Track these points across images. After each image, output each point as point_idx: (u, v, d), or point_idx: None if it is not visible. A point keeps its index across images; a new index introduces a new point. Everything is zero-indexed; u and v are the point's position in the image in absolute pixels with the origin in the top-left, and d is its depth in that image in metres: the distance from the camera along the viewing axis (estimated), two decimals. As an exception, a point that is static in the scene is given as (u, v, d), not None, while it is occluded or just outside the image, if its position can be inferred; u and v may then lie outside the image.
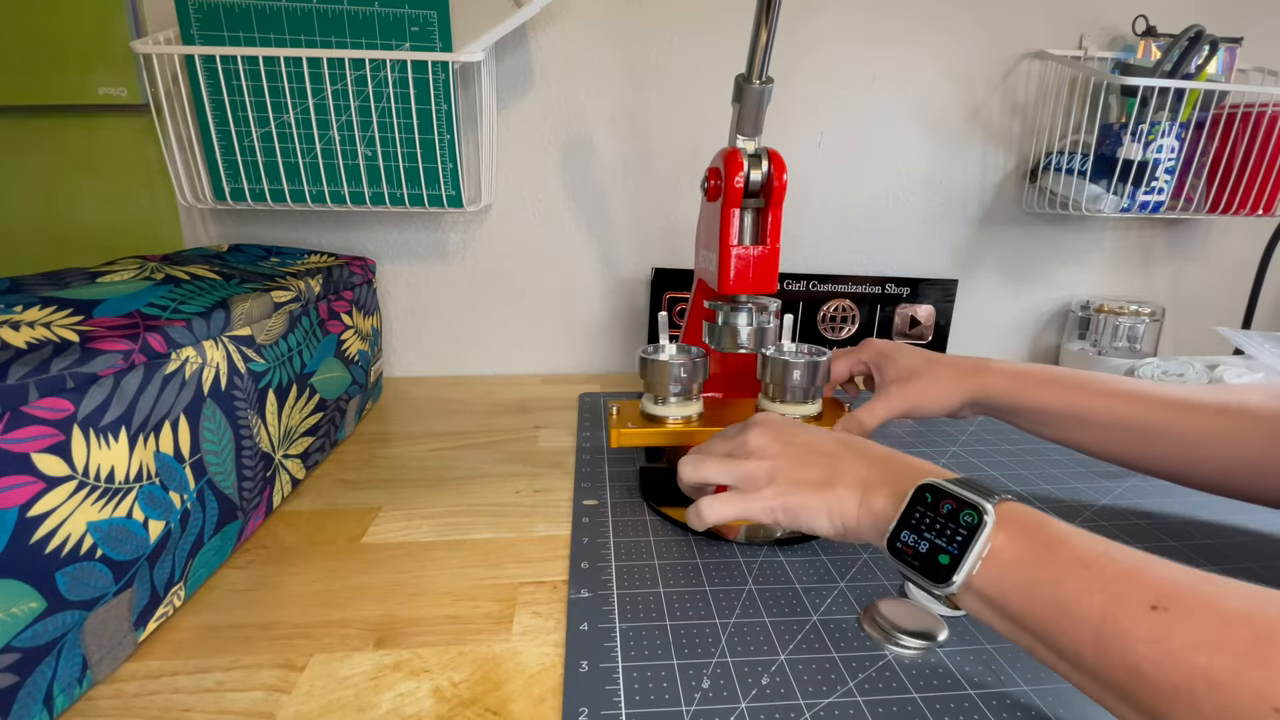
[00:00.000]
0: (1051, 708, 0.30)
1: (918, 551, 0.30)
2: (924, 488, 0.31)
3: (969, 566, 0.28)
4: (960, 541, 0.29)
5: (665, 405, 0.49)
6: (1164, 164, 0.70)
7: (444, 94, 0.61)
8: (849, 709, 0.29)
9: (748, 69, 0.43)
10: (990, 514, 0.29)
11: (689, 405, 0.50)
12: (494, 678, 0.31)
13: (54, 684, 0.28)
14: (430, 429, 0.62)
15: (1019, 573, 0.27)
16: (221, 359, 0.39)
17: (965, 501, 0.29)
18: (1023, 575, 0.27)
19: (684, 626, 0.35)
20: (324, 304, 0.55)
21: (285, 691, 0.30)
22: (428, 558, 0.41)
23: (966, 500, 0.29)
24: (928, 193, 0.80)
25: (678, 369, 0.48)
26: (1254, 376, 0.61)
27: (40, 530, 0.26)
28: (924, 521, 0.30)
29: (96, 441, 0.29)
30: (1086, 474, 0.54)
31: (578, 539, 0.43)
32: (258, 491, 0.42)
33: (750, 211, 0.46)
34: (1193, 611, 0.23)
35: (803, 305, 0.79)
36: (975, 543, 0.28)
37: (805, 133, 0.77)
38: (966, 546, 0.28)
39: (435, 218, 0.75)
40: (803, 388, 0.49)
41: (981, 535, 0.28)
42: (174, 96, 0.64)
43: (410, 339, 0.79)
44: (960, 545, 0.29)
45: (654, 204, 0.77)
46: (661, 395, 0.49)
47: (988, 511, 0.29)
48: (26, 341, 0.28)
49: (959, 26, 0.75)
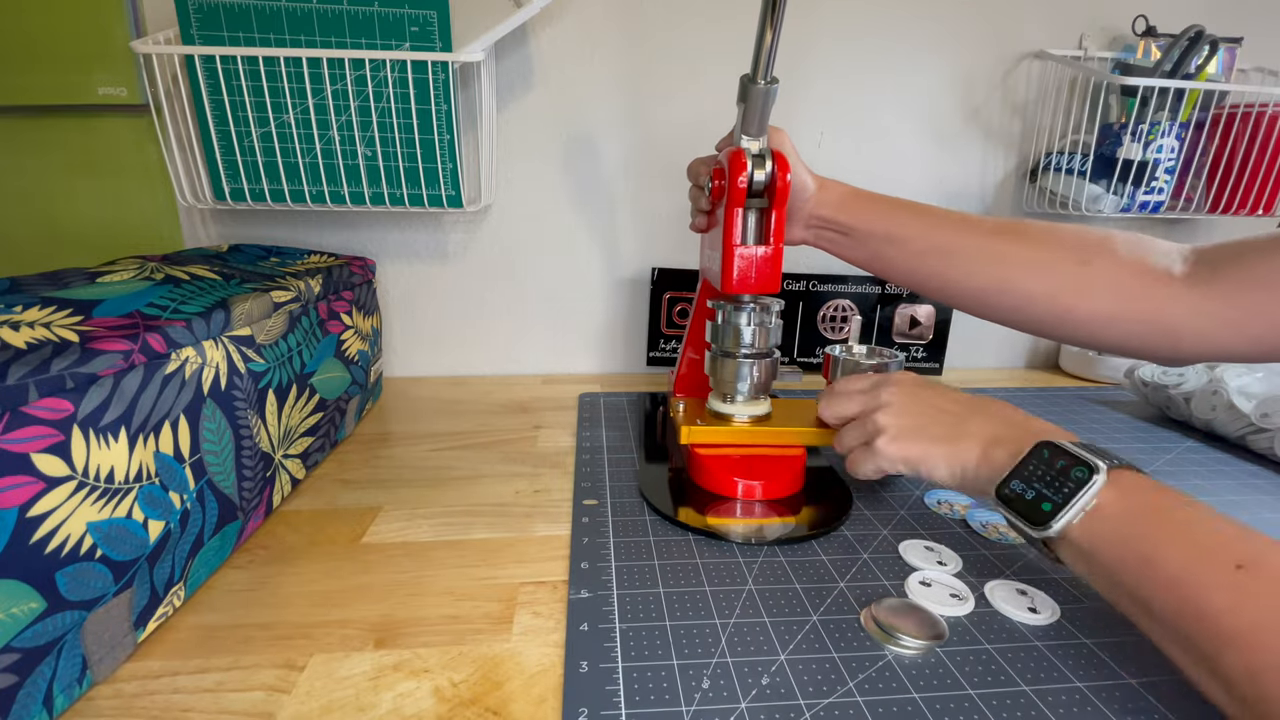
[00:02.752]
0: (1051, 708, 0.30)
1: (1022, 498, 0.33)
2: (1042, 444, 0.34)
3: (1070, 516, 0.31)
4: (1066, 493, 0.31)
5: (733, 404, 0.50)
6: (1164, 164, 0.70)
7: (444, 94, 0.61)
8: (849, 709, 0.29)
9: (753, 69, 0.43)
10: (1102, 473, 0.31)
11: (757, 405, 0.50)
12: (494, 678, 0.31)
13: (54, 684, 0.28)
14: (430, 429, 0.62)
15: (1116, 528, 0.30)
16: (221, 359, 0.39)
17: (1080, 459, 0.32)
18: (1119, 531, 0.30)
19: (684, 626, 0.34)
20: (324, 304, 0.55)
21: (285, 691, 0.30)
22: (428, 558, 0.41)
23: (1081, 459, 0.32)
24: (928, 192, 0.80)
25: (748, 367, 0.48)
26: (1253, 376, 0.62)
27: (40, 530, 0.26)
28: (1035, 474, 0.33)
29: (96, 442, 0.29)
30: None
31: (578, 539, 0.43)
32: (258, 491, 0.42)
33: (754, 211, 0.46)
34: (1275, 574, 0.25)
35: (803, 305, 0.79)
36: (1082, 496, 0.31)
37: (805, 133, 0.77)
38: (1071, 498, 0.31)
39: (435, 218, 0.75)
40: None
41: (1090, 490, 0.31)
42: (174, 96, 0.64)
43: (410, 339, 0.79)
44: (1065, 496, 0.31)
45: (655, 204, 0.77)
46: (729, 393, 0.49)
47: (1100, 470, 0.31)
48: (26, 341, 0.28)
49: (959, 26, 0.75)
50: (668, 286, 0.77)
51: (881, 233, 0.49)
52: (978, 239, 0.46)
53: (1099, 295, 0.43)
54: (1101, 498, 0.31)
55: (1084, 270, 0.43)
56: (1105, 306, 0.43)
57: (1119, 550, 0.29)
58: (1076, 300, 0.43)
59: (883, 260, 0.49)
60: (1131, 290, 0.42)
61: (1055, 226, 0.46)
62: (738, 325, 0.48)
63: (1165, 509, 0.29)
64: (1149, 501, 0.30)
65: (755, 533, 0.43)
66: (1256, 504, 0.50)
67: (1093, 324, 0.43)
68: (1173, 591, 0.27)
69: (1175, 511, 0.29)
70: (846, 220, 0.49)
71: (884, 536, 0.44)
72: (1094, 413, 0.70)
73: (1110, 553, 0.29)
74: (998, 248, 0.46)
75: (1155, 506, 0.30)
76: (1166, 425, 0.66)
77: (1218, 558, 0.26)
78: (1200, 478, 0.54)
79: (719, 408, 0.50)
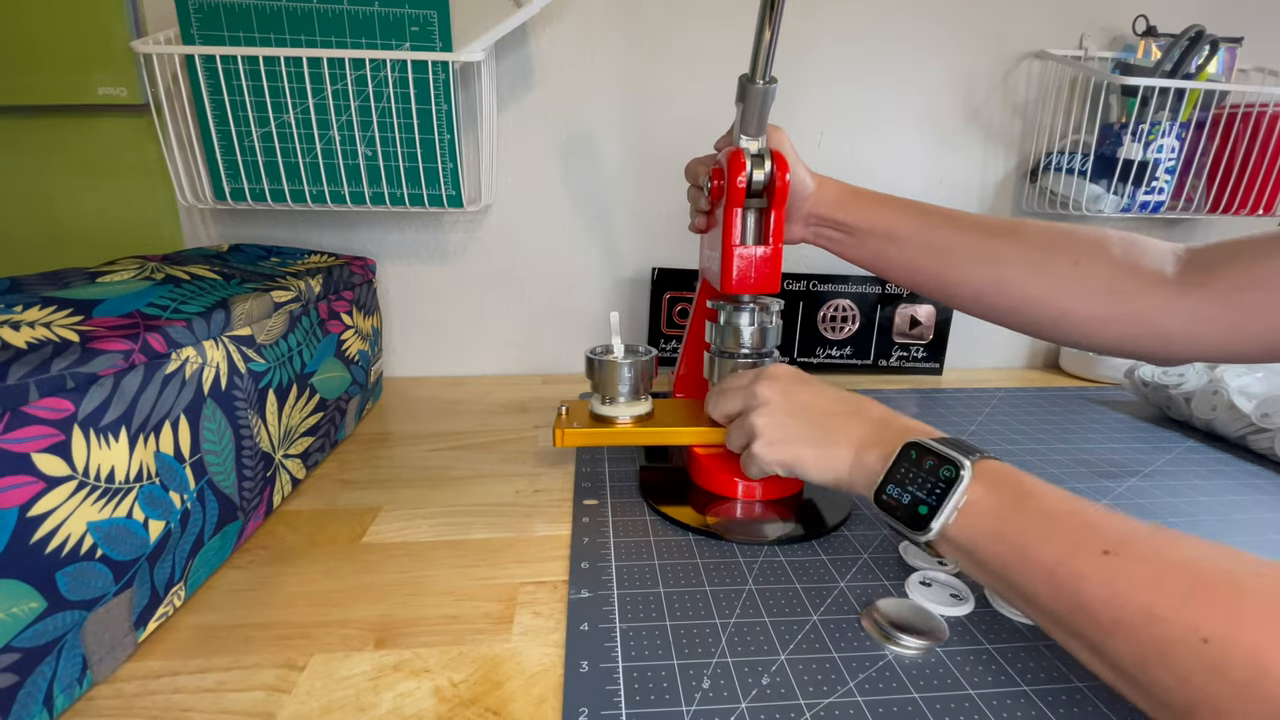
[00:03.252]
0: (1052, 708, 0.30)
1: (900, 503, 0.33)
2: (909, 445, 0.34)
3: (945, 517, 0.31)
4: (938, 494, 0.32)
5: (614, 405, 0.49)
6: (1164, 164, 0.70)
7: (444, 94, 0.61)
8: (849, 709, 0.29)
9: (751, 69, 0.43)
10: (967, 469, 0.31)
11: (638, 405, 0.50)
12: (494, 678, 0.31)
13: (54, 684, 0.28)
14: (430, 429, 0.62)
15: (990, 522, 0.30)
16: (222, 359, 0.39)
17: (945, 458, 0.32)
18: (993, 525, 0.30)
19: (684, 626, 0.34)
20: (324, 304, 0.55)
21: (285, 691, 0.30)
22: (428, 558, 0.41)
23: (946, 456, 0.32)
24: (928, 192, 0.80)
25: (625, 369, 0.48)
26: (1253, 376, 0.62)
27: (40, 530, 0.26)
28: (908, 476, 0.34)
29: (96, 441, 0.29)
30: (1088, 474, 0.54)
31: (578, 539, 0.43)
32: (258, 491, 0.42)
33: (753, 211, 0.46)
34: (1142, 557, 0.25)
35: (803, 305, 0.79)
36: (951, 496, 0.31)
37: (805, 132, 0.77)
38: (944, 499, 0.31)
39: (435, 218, 0.75)
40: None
41: (958, 489, 0.31)
42: (174, 96, 0.63)
43: (410, 339, 0.79)
44: (938, 497, 0.32)
45: (655, 204, 0.77)
46: (610, 395, 0.49)
47: (965, 467, 0.31)
48: (26, 341, 0.28)
49: (959, 26, 0.75)
50: (668, 286, 0.77)
51: (881, 230, 0.48)
52: (975, 238, 0.46)
53: (1094, 297, 0.42)
54: (971, 494, 0.31)
55: (1076, 270, 0.43)
56: (1100, 309, 0.42)
57: (996, 545, 0.30)
58: (1073, 302, 0.43)
59: (882, 259, 0.49)
60: (1124, 292, 0.42)
61: (1052, 226, 0.45)
62: (738, 325, 0.48)
63: (1032, 498, 0.30)
64: (1016, 493, 0.30)
65: (755, 533, 0.43)
66: (1256, 504, 0.50)
67: (1090, 326, 0.43)
68: (1050, 583, 0.27)
69: (1043, 500, 0.30)
70: (845, 219, 0.49)
71: (884, 536, 0.44)
72: (1094, 413, 0.70)
73: (989, 548, 0.30)
74: (995, 247, 0.45)
75: (1022, 497, 0.30)
76: (1166, 425, 0.66)
77: (1086, 546, 0.26)
78: (1200, 478, 0.54)
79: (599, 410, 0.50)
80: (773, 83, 0.44)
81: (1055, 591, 0.27)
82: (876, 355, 0.82)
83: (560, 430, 0.47)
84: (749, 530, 0.44)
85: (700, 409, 0.51)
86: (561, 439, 0.47)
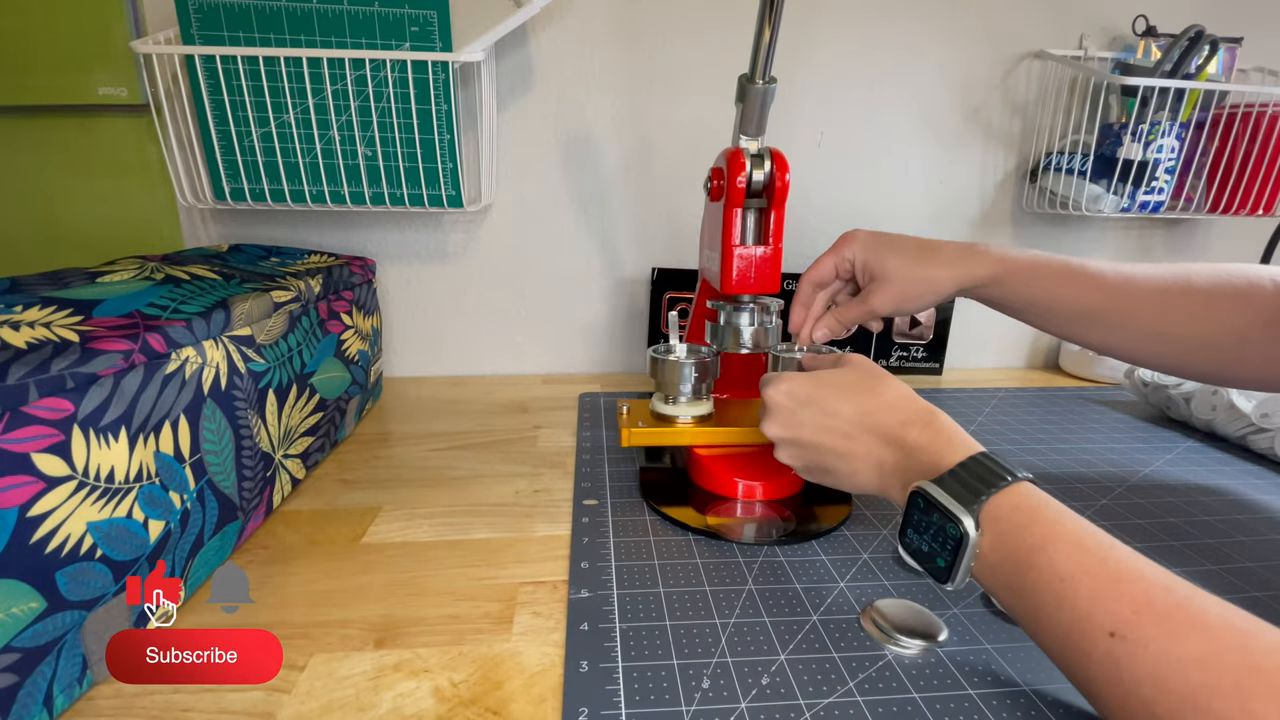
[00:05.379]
0: (1052, 707, 0.30)
1: (921, 551, 0.32)
2: (915, 494, 0.32)
3: (961, 576, 0.30)
4: (950, 550, 0.30)
5: (676, 405, 0.49)
6: (1164, 164, 0.70)
7: (444, 94, 0.61)
8: (849, 709, 0.29)
9: (751, 69, 0.43)
10: (970, 529, 0.29)
11: (699, 405, 0.50)
12: (494, 678, 0.31)
13: (54, 684, 0.28)
14: (430, 429, 0.62)
15: (1003, 576, 0.29)
16: (221, 359, 0.39)
17: (948, 514, 0.30)
18: (1006, 579, 0.29)
19: (684, 626, 0.34)
20: (324, 304, 0.55)
21: (285, 691, 0.30)
22: (428, 558, 0.41)
23: (948, 513, 0.30)
24: (928, 192, 0.80)
25: (689, 369, 0.48)
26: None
27: (40, 530, 0.26)
28: (921, 524, 0.32)
29: (96, 441, 0.29)
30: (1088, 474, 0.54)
31: (578, 539, 0.43)
32: (258, 491, 0.42)
33: (753, 211, 0.46)
34: (1149, 645, 0.23)
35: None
36: (962, 557, 0.30)
37: (805, 132, 0.77)
38: (956, 557, 0.30)
39: (435, 218, 0.75)
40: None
41: (965, 551, 0.30)
42: (174, 96, 0.63)
43: (410, 339, 0.79)
44: (950, 553, 0.30)
45: (655, 204, 0.77)
46: (672, 395, 0.49)
47: (966, 524, 0.29)
48: (26, 341, 0.28)
49: (959, 26, 0.75)
50: (668, 286, 0.77)
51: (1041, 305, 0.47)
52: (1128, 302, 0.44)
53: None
54: (981, 547, 0.29)
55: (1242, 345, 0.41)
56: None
57: (1012, 601, 0.29)
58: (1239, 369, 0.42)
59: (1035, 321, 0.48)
60: None
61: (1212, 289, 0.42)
62: (738, 325, 0.48)
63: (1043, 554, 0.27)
64: (1023, 544, 0.28)
65: (755, 533, 0.43)
66: (1256, 504, 0.50)
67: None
68: (1061, 651, 0.27)
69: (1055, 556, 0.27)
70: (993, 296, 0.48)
71: (884, 536, 0.44)
72: (1094, 413, 0.70)
73: (1007, 601, 0.29)
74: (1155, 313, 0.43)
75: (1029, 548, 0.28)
76: (1166, 425, 0.66)
77: (1095, 622, 0.25)
78: (1200, 478, 0.54)
79: (661, 409, 0.50)
80: (772, 83, 0.44)
81: (1066, 664, 0.27)
82: (876, 355, 0.82)
83: (626, 430, 0.48)
84: (749, 530, 0.44)
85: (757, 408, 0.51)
86: (628, 439, 0.48)
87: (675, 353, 0.50)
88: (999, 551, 0.29)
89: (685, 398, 0.49)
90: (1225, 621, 0.23)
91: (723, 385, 0.55)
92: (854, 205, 0.79)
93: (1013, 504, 0.29)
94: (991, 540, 0.29)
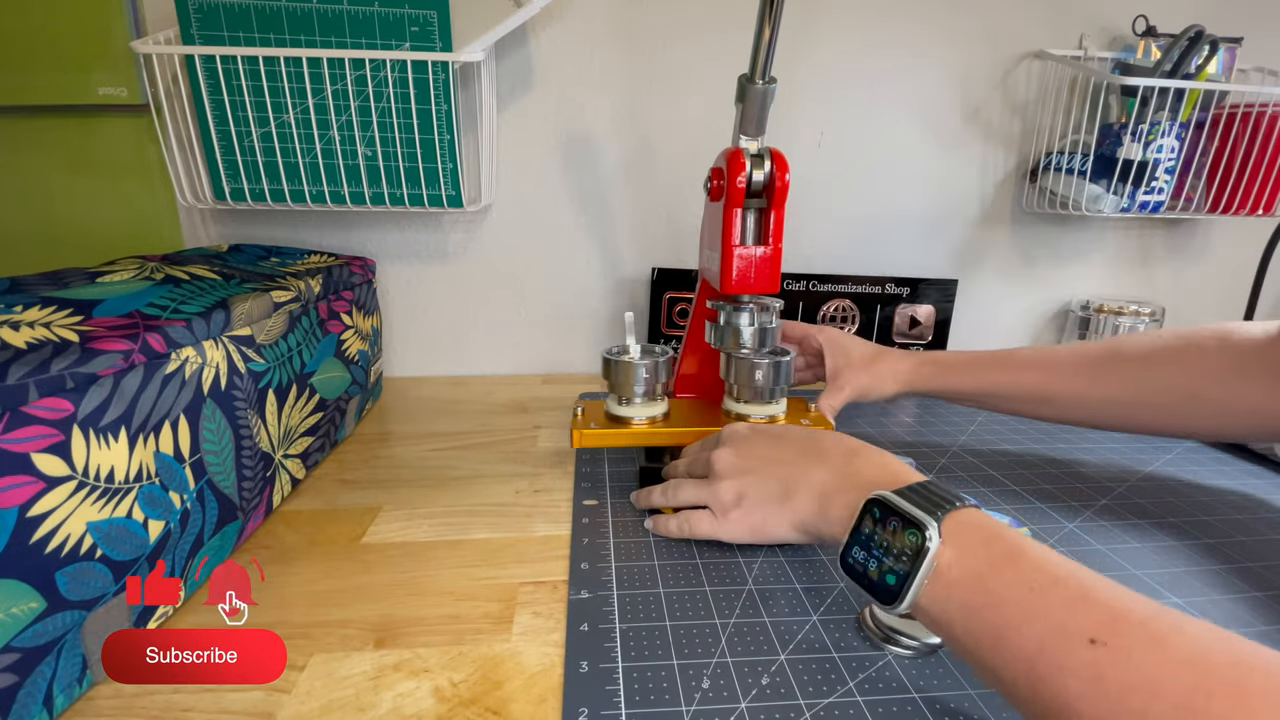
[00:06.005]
0: (1052, 708, 0.30)
1: (866, 570, 0.30)
2: (871, 502, 0.31)
3: (914, 592, 0.28)
4: (905, 561, 0.28)
5: (630, 406, 0.49)
6: (1164, 164, 0.70)
7: (444, 94, 0.61)
8: (849, 709, 0.29)
9: (751, 69, 0.43)
10: (934, 535, 0.28)
11: (653, 406, 0.50)
12: (494, 678, 0.31)
13: (54, 684, 0.28)
14: (430, 429, 0.62)
15: (962, 593, 0.27)
16: (221, 359, 0.39)
17: (910, 519, 0.29)
18: (966, 596, 0.26)
19: (684, 626, 0.34)
20: (324, 304, 0.55)
21: (285, 691, 0.30)
22: (428, 558, 0.41)
23: (911, 518, 0.29)
24: (928, 192, 0.80)
25: (641, 369, 0.48)
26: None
27: (40, 530, 0.26)
28: (873, 538, 0.30)
29: (96, 441, 0.29)
30: (1088, 474, 0.54)
31: (578, 539, 0.43)
32: (258, 491, 0.42)
33: (753, 212, 0.46)
34: (1133, 650, 0.22)
35: (803, 305, 0.79)
36: (919, 567, 0.27)
37: (805, 132, 0.77)
38: (912, 569, 0.28)
39: (435, 218, 0.75)
40: (767, 388, 0.49)
41: (925, 560, 0.27)
42: (174, 96, 0.63)
43: (410, 339, 0.79)
44: (905, 565, 0.28)
45: (655, 204, 0.77)
46: (626, 396, 0.49)
47: (930, 531, 0.28)
48: (26, 341, 0.28)
49: (959, 26, 0.75)
50: (668, 286, 0.77)
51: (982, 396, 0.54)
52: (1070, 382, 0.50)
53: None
54: (941, 558, 0.27)
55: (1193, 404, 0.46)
56: None
57: (970, 623, 0.26)
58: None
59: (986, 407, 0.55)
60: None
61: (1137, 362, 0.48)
62: (738, 326, 0.48)
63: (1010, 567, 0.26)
64: (991, 558, 0.27)
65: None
66: (1256, 504, 0.50)
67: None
68: (1029, 671, 0.24)
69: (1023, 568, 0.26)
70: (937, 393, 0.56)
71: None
72: (1094, 413, 0.70)
73: (962, 625, 0.26)
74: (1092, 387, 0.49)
75: (998, 565, 0.26)
76: (1166, 425, 0.66)
77: (1070, 630, 0.23)
78: (1200, 478, 0.54)
79: (615, 410, 0.50)
80: (772, 82, 0.44)
81: (1035, 685, 0.23)
82: (876, 355, 0.82)
83: (578, 431, 0.47)
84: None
85: (716, 409, 0.51)
86: (579, 439, 0.48)
87: (629, 353, 0.49)
88: (960, 565, 0.27)
89: (639, 399, 0.49)
90: (1202, 626, 0.23)
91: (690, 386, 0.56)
92: (853, 205, 0.80)
93: (973, 521, 0.28)
94: (954, 554, 0.27)
